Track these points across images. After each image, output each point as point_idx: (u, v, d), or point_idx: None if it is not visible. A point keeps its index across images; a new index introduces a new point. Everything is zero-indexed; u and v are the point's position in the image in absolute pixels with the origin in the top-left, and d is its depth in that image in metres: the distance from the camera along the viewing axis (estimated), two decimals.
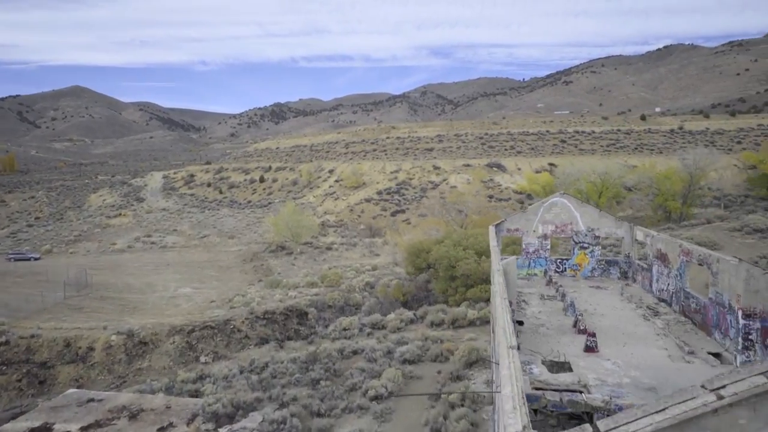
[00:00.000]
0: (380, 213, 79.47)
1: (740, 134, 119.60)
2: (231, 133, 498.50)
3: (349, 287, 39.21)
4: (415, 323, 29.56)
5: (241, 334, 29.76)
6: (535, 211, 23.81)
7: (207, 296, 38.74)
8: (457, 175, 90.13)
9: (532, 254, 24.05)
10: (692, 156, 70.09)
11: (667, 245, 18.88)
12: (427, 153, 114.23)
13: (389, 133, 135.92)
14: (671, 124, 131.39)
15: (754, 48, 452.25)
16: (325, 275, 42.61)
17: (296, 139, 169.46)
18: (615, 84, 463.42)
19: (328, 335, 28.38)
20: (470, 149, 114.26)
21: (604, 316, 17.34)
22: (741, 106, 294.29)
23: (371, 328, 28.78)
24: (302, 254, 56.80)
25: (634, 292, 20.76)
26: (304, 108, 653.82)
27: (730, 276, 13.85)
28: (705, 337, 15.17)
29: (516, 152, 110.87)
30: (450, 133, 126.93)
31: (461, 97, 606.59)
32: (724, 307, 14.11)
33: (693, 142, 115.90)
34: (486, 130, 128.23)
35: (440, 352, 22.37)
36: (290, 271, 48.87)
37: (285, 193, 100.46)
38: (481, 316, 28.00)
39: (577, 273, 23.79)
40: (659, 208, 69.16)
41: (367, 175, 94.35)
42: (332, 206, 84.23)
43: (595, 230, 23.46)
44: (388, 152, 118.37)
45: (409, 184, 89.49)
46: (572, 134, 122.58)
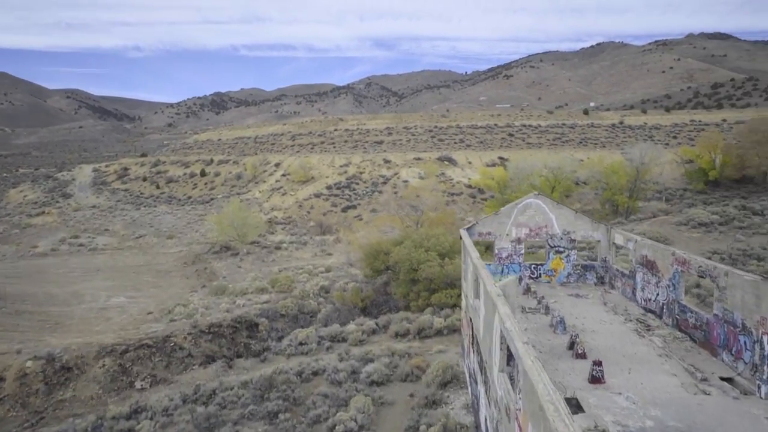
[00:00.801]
0: (331, 209, 76.70)
1: (675, 129, 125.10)
2: (168, 123, 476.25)
3: (302, 292, 36.52)
4: (378, 333, 27.43)
5: (183, 352, 26.54)
6: (509, 213, 22.17)
7: (143, 307, 34.93)
8: (409, 169, 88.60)
9: (505, 260, 22.43)
10: (638, 151, 71.75)
11: (655, 252, 17.62)
12: (376, 146, 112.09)
13: (337, 125, 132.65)
14: (612, 118, 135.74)
15: (677, 47, 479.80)
16: (275, 279, 39.66)
17: (239, 130, 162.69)
18: (552, 79, 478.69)
19: (282, 351, 25.71)
20: (420, 142, 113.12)
21: (596, 334, 15.80)
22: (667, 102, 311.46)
23: (330, 340, 26.37)
24: (249, 255, 53.34)
25: (616, 301, 19.49)
26: (246, 98, 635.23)
27: (744, 293, 12.49)
28: (710, 357, 13.85)
29: (465, 146, 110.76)
30: (399, 125, 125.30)
31: (405, 89, 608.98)
32: (736, 326, 12.77)
33: (633, 136, 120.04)
34: (435, 123, 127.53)
35: (410, 371, 20.33)
36: (237, 274, 45.47)
37: (228, 188, 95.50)
38: (449, 325, 26.24)
39: (552, 279, 22.38)
40: (607, 203, 70.44)
41: (316, 169, 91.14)
42: (279, 202, 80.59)
43: (571, 233, 22.09)
44: (336, 145, 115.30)
45: (360, 178, 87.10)
46: (519, 128, 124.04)
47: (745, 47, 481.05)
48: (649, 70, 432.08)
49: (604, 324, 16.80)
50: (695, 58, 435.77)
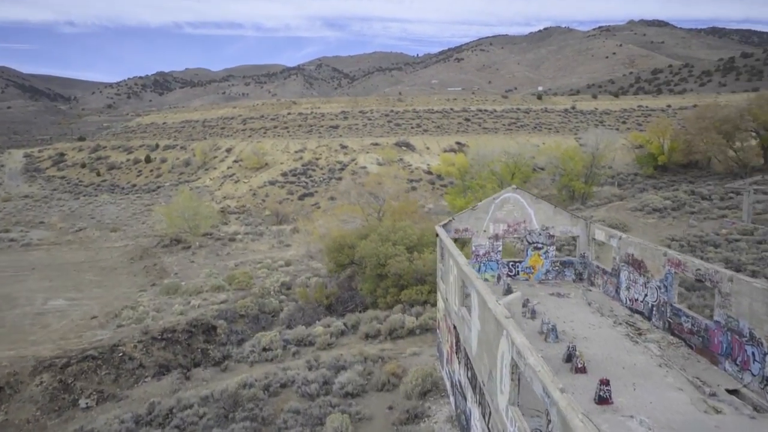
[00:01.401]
0: (287, 197, 74.12)
1: (624, 114, 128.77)
2: (108, 105, 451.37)
3: (262, 290, 34.54)
4: (347, 335, 25.99)
5: (133, 363, 24.22)
6: (486, 208, 21.07)
7: (86, 310, 32.01)
8: (366, 154, 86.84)
9: (482, 257, 21.39)
10: (593, 137, 72.85)
11: (643, 251, 16.93)
12: (332, 131, 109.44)
13: (290, 108, 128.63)
14: (564, 103, 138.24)
15: (619, 34, 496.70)
16: (232, 276, 37.40)
17: (186, 113, 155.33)
18: (502, 62, 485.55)
19: (245, 358, 23.87)
20: (377, 127, 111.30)
21: (589, 341, 14.91)
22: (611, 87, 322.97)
23: (297, 344, 24.72)
24: (202, 248, 50.49)
25: (599, 300, 18.81)
26: (191, 78, 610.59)
27: (753, 301, 11.78)
28: (710, 366, 13.18)
29: (423, 130, 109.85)
30: (355, 109, 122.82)
31: (357, 71, 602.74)
32: (742, 335, 12.08)
33: (585, 121, 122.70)
34: (391, 107, 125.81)
35: (386, 379, 19.04)
36: (189, 270, 42.78)
37: (176, 175, 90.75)
38: (421, 324, 25.10)
39: (530, 276, 21.55)
40: (564, 188, 71.34)
41: (270, 154, 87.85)
42: (232, 190, 77.15)
43: (550, 229, 21.24)
44: (290, 129, 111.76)
45: (316, 164, 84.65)
46: (475, 113, 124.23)
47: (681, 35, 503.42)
48: (593, 56, 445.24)
49: (593, 328, 16.02)
50: (636, 44, 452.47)
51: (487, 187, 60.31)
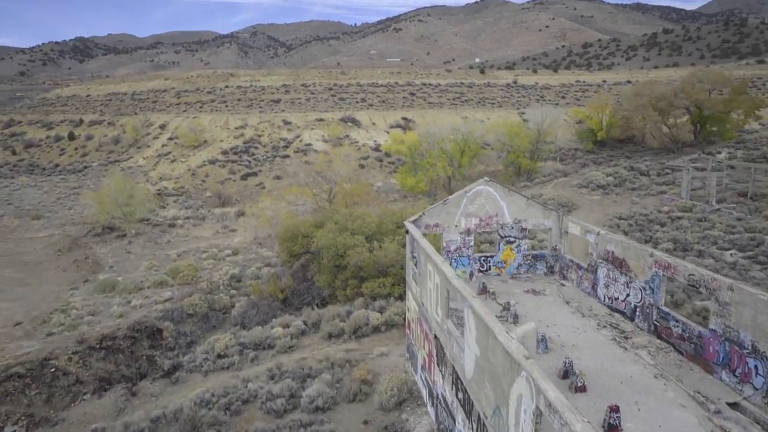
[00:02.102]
0: (229, 177, 70.40)
1: (563, 89, 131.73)
2: (21, 72, 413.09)
3: (210, 284, 32.21)
4: (308, 335, 24.50)
5: (68, 378, 21.65)
6: (458, 202, 19.94)
7: (8, 316, 28.58)
8: (311, 131, 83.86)
9: (453, 253, 20.35)
10: (539, 113, 73.61)
11: (625, 250, 16.39)
12: (273, 105, 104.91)
13: (228, 81, 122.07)
14: (506, 78, 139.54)
15: (552, 7, 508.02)
16: (176, 269, 34.69)
17: (112, 84, 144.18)
18: (440, 34, 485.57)
19: (198, 366, 21.89)
20: (320, 101, 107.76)
21: (577, 350, 14.22)
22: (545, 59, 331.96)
23: (254, 348, 22.98)
24: (139, 236, 46.86)
25: (576, 298, 18.29)
26: (115, 44, 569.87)
27: (758, 313, 11.29)
28: (705, 375, 12.78)
29: (368, 105, 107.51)
30: (297, 82, 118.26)
31: (294, 39, 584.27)
32: (742, 347, 11.64)
33: (526, 96, 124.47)
34: (335, 80, 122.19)
35: (358, 388, 17.82)
36: (126, 262, 39.48)
37: (105, 154, 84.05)
38: (387, 320, 23.99)
39: (502, 271, 20.78)
40: (510, 165, 72.01)
41: (208, 131, 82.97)
42: (169, 170, 72.34)
43: (522, 222, 20.46)
44: (229, 104, 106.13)
45: (259, 141, 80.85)
46: (420, 87, 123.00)
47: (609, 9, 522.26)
48: (527, 28, 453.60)
49: (578, 333, 15.40)
50: (567, 18, 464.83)
51: (437, 165, 59.71)
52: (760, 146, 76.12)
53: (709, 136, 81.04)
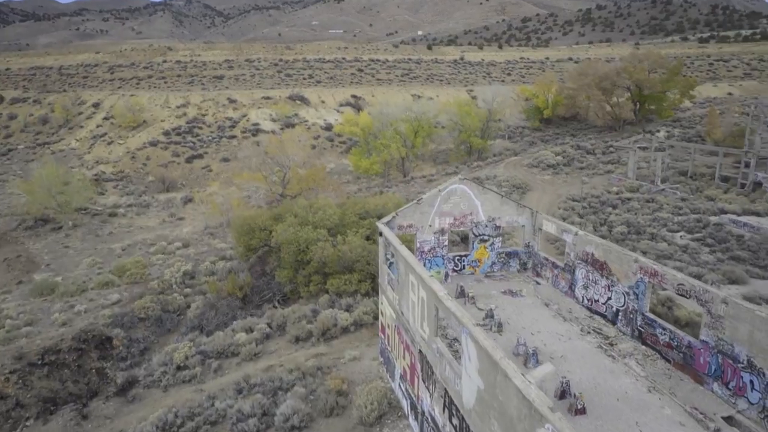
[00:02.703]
0: (172, 159, 66.55)
1: (509, 66, 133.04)
2: None
3: (161, 283, 30.18)
4: (273, 338, 23.33)
5: (6, 402, 19.57)
6: (431, 201, 19.19)
7: None
8: (258, 110, 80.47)
9: (427, 253, 19.68)
10: (489, 93, 73.76)
11: (607, 253, 16.18)
12: (216, 82, 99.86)
13: (165, 55, 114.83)
14: (453, 54, 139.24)
15: None
16: (122, 266, 32.28)
17: (35, 56, 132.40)
18: (382, 5, 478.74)
19: (156, 381, 20.33)
20: (266, 78, 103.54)
21: (566, 361, 13.91)
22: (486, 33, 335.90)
23: (217, 356, 21.62)
24: (77, 228, 43.44)
25: (554, 298, 18.07)
26: (34, 10, 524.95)
27: (755, 329, 11.23)
28: (695, 385, 12.81)
29: (315, 82, 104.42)
30: (240, 57, 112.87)
31: (231, 9, 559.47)
32: (737, 361, 11.62)
33: (474, 73, 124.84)
34: (280, 55, 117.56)
35: (334, 401, 17.01)
36: (65, 258, 36.47)
37: (32, 135, 77.29)
38: (355, 320, 23.18)
39: (476, 270, 20.35)
40: (462, 144, 72.13)
41: (148, 110, 77.90)
42: (106, 153, 67.47)
43: (496, 219, 19.99)
44: (168, 80, 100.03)
45: (203, 121, 76.77)
46: (368, 63, 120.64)
47: None
48: (468, 1, 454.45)
49: (563, 341, 15.14)
50: None
51: (391, 147, 58.77)
52: (693, 124, 79.98)
53: (648, 115, 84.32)
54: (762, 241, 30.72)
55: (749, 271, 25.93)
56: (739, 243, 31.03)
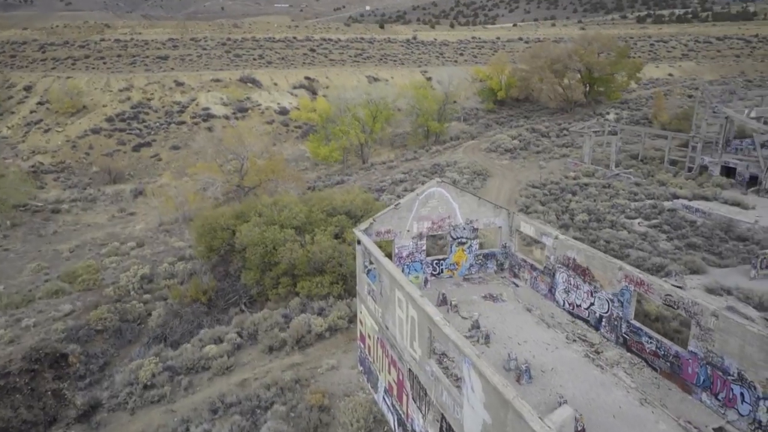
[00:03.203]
0: (117, 148, 62.74)
1: (461, 46, 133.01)
2: None
3: (117, 289, 28.41)
4: (244, 348, 22.41)
5: None
6: (410, 206, 18.70)
7: None
8: (208, 93, 76.95)
9: (405, 258, 19.26)
10: (446, 75, 73.40)
11: (590, 259, 16.20)
12: (161, 63, 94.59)
13: (103, 33, 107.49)
14: (405, 33, 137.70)
15: None
16: (72, 272, 30.16)
17: None
18: None
19: (122, 403, 19.09)
20: (214, 58, 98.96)
21: (557, 374, 13.83)
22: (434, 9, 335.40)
23: (187, 372, 20.54)
24: (16, 228, 40.34)
25: (535, 302, 18.05)
26: None
27: (746, 344, 11.40)
28: (684, 395, 13.02)
29: (266, 62, 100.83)
30: (185, 36, 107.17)
31: None
32: (727, 373, 11.86)
33: (427, 53, 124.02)
34: (227, 34, 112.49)
35: (317, 419, 16.47)
36: (5, 263, 33.79)
37: None
38: (330, 326, 22.58)
39: (454, 273, 20.16)
40: (420, 128, 71.75)
41: (87, 94, 72.88)
42: (43, 142, 62.74)
43: (474, 222, 19.78)
44: (107, 60, 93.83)
45: (149, 106, 72.67)
46: (320, 42, 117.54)
47: None
48: None
49: (550, 350, 15.10)
50: None
51: (350, 133, 57.66)
52: (640, 106, 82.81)
53: (597, 96, 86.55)
54: (713, 226, 32.08)
55: (706, 259, 27.00)
56: (693, 229, 32.30)
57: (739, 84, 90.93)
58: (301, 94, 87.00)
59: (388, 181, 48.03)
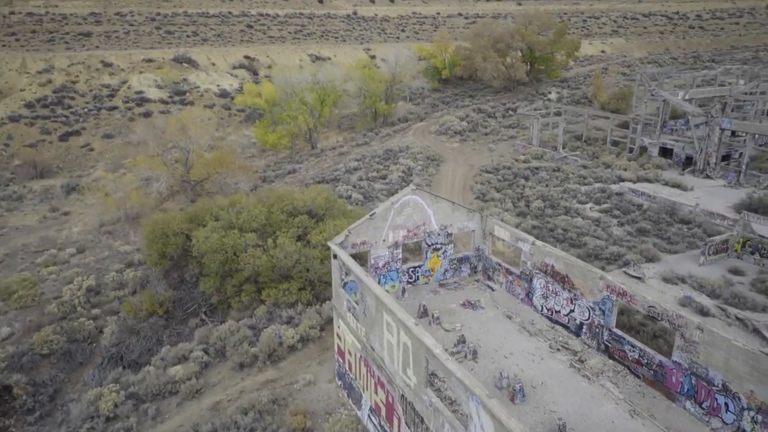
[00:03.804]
0: (42, 138, 57.62)
1: (402, 22, 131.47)
2: None
3: (61, 305, 26.24)
4: (213, 366, 21.35)
5: None
6: (385, 215, 18.19)
7: None
8: (140, 75, 71.91)
9: (382, 269, 18.83)
10: (392, 55, 72.26)
11: (569, 267, 16.34)
12: (83, 40, 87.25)
13: (12, 4, 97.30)
14: (345, 8, 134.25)
15: None
16: (6, 287, 27.48)
17: None
18: None
19: None
20: (143, 35, 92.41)
21: (548, 390, 13.92)
22: None
23: (152, 398, 19.31)
24: None
25: (513, 308, 18.15)
26: None
27: (731, 357, 11.83)
28: (668, 403, 13.49)
29: (201, 40, 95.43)
30: (109, 11, 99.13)
31: None
32: (712, 384, 12.31)
33: (368, 29, 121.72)
34: (156, 8, 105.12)
35: None
36: None
37: None
38: (303, 336, 21.90)
39: (430, 279, 19.96)
40: (368, 110, 70.61)
41: (1, 76, 66.20)
42: None
43: (448, 227, 19.58)
44: (20, 38, 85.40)
45: (74, 89, 67.01)
46: (257, 18, 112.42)
47: None
48: None
49: (536, 362, 15.20)
50: None
51: (299, 119, 55.83)
52: (579, 85, 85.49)
53: (539, 75, 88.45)
54: (659, 209, 33.68)
55: (657, 245, 28.31)
56: (641, 213, 33.77)
57: (673, 68, 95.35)
58: (242, 75, 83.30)
59: (342, 170, 47.00)
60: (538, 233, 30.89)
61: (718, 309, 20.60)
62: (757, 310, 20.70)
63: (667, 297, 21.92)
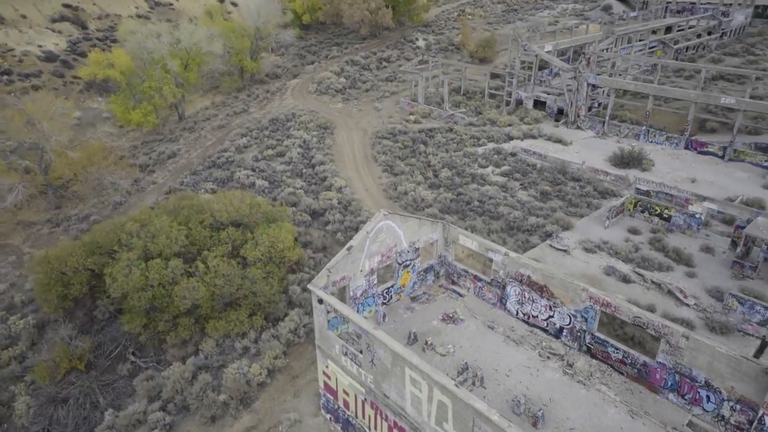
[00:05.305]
0: None
1: None
2: None
3: None
4: (178, 425, 19.37)
5: None
6: (361, 246, 17.71)
7: None
8: None
9: (360, 297, 18.40)
10: (255, 8, 66.17)
11: (547, 278, 17.35)
12: None
13: None
14: None
15: None
16: None
17: None
18: None
19: None
20: None
21: (558, 405, 15.21)
22: None
23: None
24: None
25: (489, 315, 19.02)
26: None
27: (714, 360, 13.89)
28: (653, 395, 15.53)
29: None
30: None
31: None
32: (695, 381, 14.39)
33: None
34: None
35: None
36: None
37: None
38: (269, 368, 20.74)
39: (401, 295, 20.01)
40: (234, 68, 64.98)
41: None
42: None
43: (416, 242, 19.60)
44: None
45: None
46: None
47: None
48: None
49: (533, 374, 16.34)
50: None
51: (164, 89, 49.46)
52: (442, 29, 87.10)
53: (401, 18, 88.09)
54: (552, 169, 36.87)
55: (562, 208, 31.21)
56: (538, 173, 36.66)
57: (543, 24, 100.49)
58: (68, 30, 70.49)
59: (231, 149, 43.15)
60: (457, 207, 32.12)
61: (637, 275, 23.73)
62: (663, 269, 24.24)
63: (592, 267, 24.59)
